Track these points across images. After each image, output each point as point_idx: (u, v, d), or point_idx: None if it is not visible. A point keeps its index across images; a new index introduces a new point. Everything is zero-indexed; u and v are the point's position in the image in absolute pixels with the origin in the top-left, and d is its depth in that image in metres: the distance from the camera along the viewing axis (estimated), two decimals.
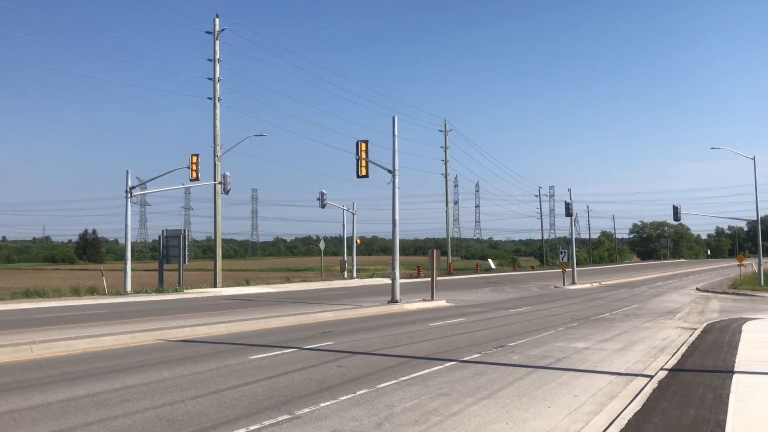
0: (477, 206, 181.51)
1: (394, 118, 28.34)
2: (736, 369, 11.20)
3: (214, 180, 41.86)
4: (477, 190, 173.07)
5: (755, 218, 48.28)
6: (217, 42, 42.57)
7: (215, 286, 40.72)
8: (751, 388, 9.45)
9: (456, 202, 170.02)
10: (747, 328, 17.86)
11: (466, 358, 13.24)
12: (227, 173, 39.94)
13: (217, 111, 42.24)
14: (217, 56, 42.50)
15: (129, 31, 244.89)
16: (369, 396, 9.50)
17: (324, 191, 51.46)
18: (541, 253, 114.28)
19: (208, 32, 42.88)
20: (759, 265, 47.27)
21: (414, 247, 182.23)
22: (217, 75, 42.38)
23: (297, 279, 52.70)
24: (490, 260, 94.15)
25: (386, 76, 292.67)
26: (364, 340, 16.10)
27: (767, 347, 13.98)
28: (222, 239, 44.32)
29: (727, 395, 8.99)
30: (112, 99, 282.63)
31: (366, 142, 27.97)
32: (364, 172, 27.90)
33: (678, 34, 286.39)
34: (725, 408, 8.21)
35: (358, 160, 27.87)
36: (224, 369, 11.78)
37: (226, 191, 40.25)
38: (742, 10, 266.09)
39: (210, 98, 42.55)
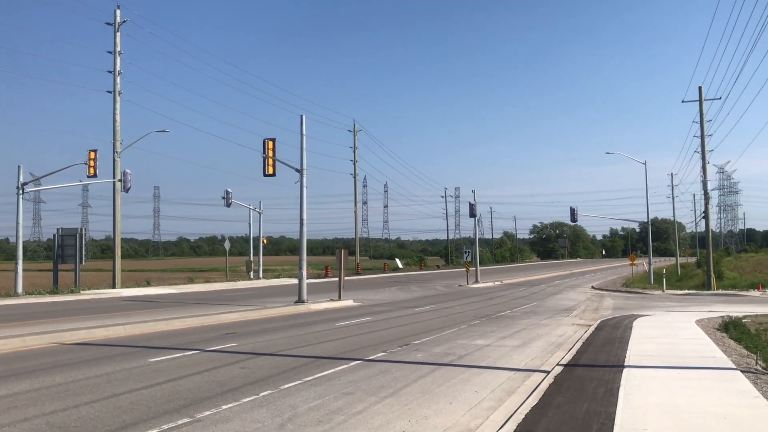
0: (385, 206, 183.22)
1: (302, 116, 28.21)
2: (626, 363, 11.75)
3: (113, 177, 40.27)
4: (385, 191, 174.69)
5: (646, 220, 50.99)
6: (118, 34, 40.96)
7: (114, 287, 39.20)
8: (639, 381, 9.95)
9: (365, 203, 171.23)
10: (637, 325, 18.81)
11: (371, 357, 13.32)
12: (127, 170, 38.55)
13: (117, 105, 40.66)
14: (118, 48, 40.91)
15: (24, 18, 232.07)
16: (272, 397, 9.41)
17: (229, 190, 50.71)
18: (447, 252, 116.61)
19: (108, 23, 41.24)
20: (649, 264, 49.97)
21: (322, 247, 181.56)
22: (118, 68, 40.79)
23: (201, 280, 51.46)
24: (397, 260, 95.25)
25: (296, 76, 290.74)
26: (269, 341, 15.92)
27: (655, 342, 14.75)
28: (122, 238, 42.74)
29: (617, 389, 9.42)
30: (3, 89, 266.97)
31: (273, 140, 27.62)
32: (270, 171, 27.54)
33: (579, 43, 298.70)
34: (615, 401, 8.60)
35: (265, 159, 27.48)
36: (122, 372, 11.37)
37: (125, 189, 38.80)
38: (635, 20, 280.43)
39: (110, 92, 40.93)
